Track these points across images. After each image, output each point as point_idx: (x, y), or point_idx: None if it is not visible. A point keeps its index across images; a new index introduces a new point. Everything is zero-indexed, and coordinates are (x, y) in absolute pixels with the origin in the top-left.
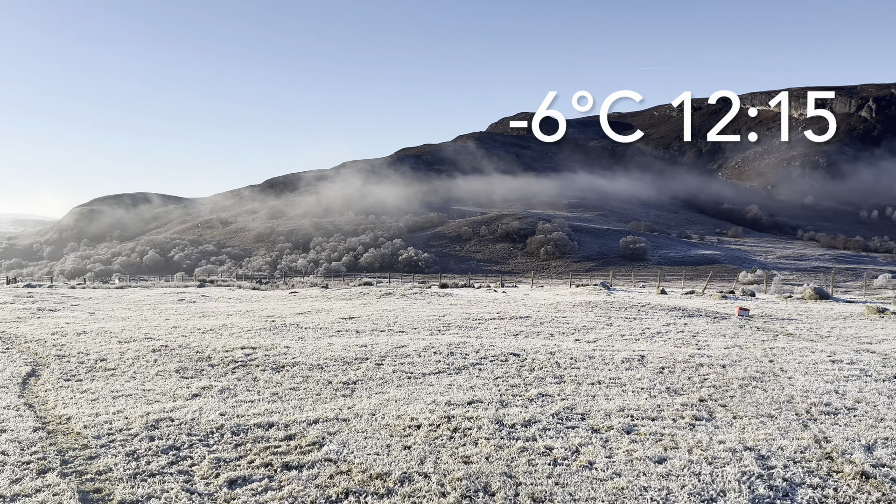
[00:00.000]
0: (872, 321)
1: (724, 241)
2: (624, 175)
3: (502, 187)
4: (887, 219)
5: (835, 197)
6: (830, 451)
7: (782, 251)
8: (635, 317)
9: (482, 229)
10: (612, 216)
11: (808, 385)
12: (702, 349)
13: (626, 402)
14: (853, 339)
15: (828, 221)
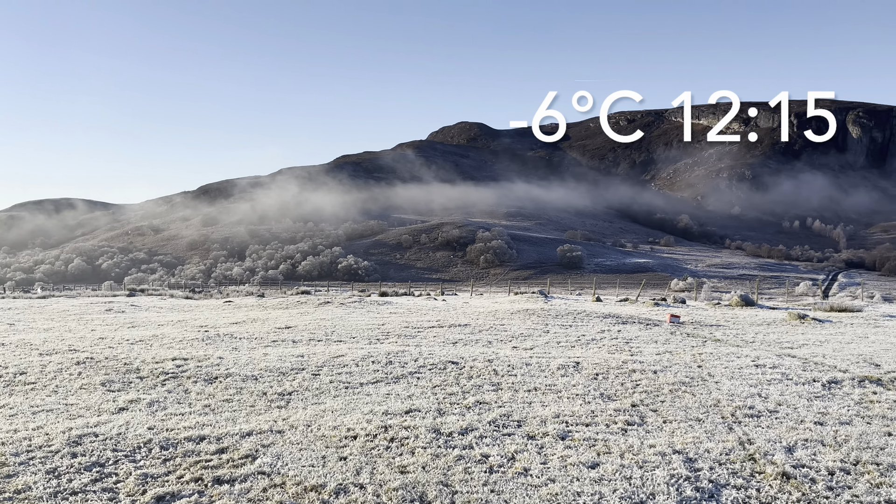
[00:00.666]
0: (794, 327)
1: (657, 250)
2: (560, 185)
3: (442, 196)
4: (808, 229)
5: (759, 208)
6: (753, 452)
7: (711, 259)
8: (571, 324)
9: (422, 237)
10: (549, 225)
11: (734, 389)
12: (635, 355)
13: (561, 408)
14: (776, 344)
15: (753, 231)
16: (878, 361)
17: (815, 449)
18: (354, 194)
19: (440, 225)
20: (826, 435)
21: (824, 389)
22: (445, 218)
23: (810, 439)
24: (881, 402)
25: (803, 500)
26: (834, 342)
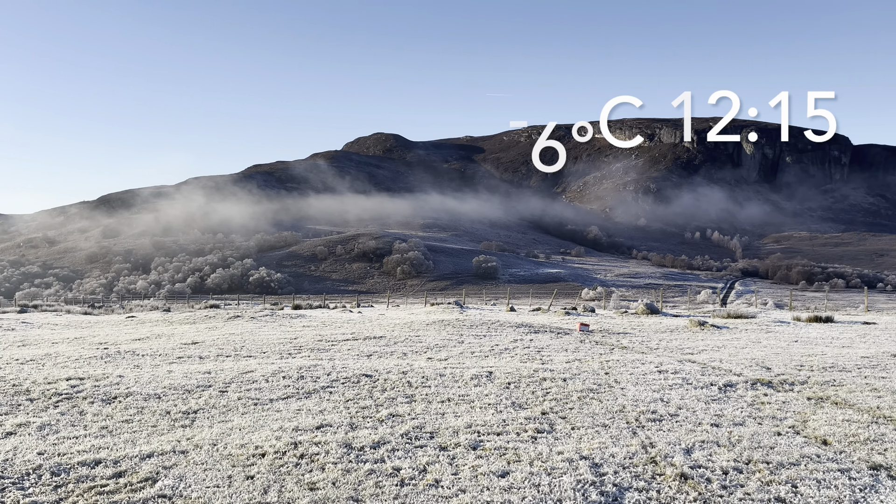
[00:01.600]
0: (694, 333)
1: (569, 260)
2: (475, 197)
3: (357, 207)
4: (708, 239)
5: (663, 219)
6: (655, 455)
7: (620, 269)
8: (485, 334)
9: (338, 249)
10: (465, 236)
11: (638, 394)
12: (546, 364)
13: (473, 418)
14: (678, 350)
15: (658, 242)
16: (769, 365)
17: (711, 450)
18: (265, 205)
19: (356, 236)
20: (721, 436)
21: (720, 393)
22: (361, 229)
23: (707, 441)
24: (771, 404)
25: (699, 499)
26: (730, 347)
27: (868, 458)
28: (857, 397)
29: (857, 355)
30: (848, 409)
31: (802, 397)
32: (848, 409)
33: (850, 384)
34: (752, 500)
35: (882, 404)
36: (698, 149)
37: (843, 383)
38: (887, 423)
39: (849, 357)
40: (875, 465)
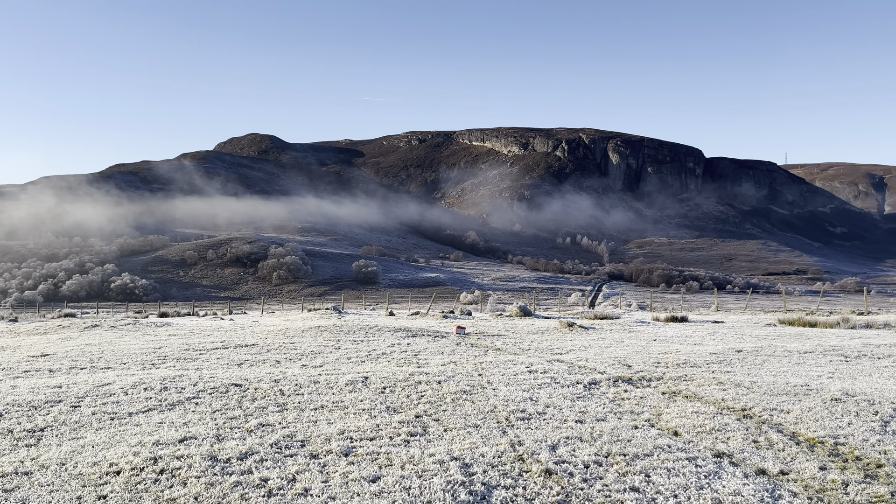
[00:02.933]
0: (564, 334)
1: (448, 265)
2: (354, 201)
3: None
4: (578, 244)
5: (537, 225)
6: (522, 453)
7: (496, 273)
8: (363, 339)
9: (209, 253)
10: (344, 240)
11: (509, 394)
12: (422, 367)
13: (347, 424)
14: (548, 350)
15: (532, 247)
16: (630, 363)
17: (574, 445)
18: (127, 207)
19: (229, 240)
20: (584, 432)
21: (585, 390)
22: (234, 233)
23: (571, 437)
24: (630, 399)
25: (562, 492)
26: (596, 347)
27: (713, 447)
28: (705, 391)
29: (706, 352)
30: (697, 402)
31: (658, 392)
32: (697, 402)
33: (700, 379)
34: (609, 490)
35: (726, 396)
36: (569, 158)
37: (693, 378)
38: (730, 413)
39: (699, 354)
40: (719, 452)
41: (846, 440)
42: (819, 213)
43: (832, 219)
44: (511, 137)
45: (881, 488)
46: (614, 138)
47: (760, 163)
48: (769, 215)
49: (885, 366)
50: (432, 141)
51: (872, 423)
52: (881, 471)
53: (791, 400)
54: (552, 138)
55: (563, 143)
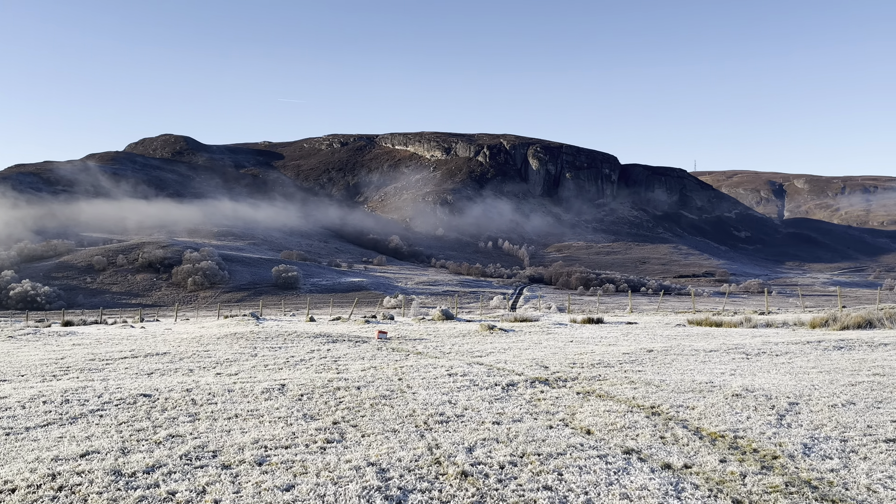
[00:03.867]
0: (484, 337)
1: (371, 269)
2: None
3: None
4: (499, 249)
5: (459, 229)
6: (439, 456)
7: (420, 277)
8: (281, 346)
9: (119, 258)
10: (263, 245)
11: (428, 398)
12: (341, 373)
13: (261, 433)
14: (468, 353)
15: (455, 251)
16: (547, 364)
17: (490, 447)
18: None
19: (140, 245)
20: (501, 433)
21: (503, 392)
22: (146, 237)
23: (488, 438)
24: (546, 400)
25: (477, 494)
26: (515, 349)
27: (623, 444)
28: (618, 390)
29: (619, 352)
30: (609, 401)
31: (573, 392)
32: (609, 401)
33: (613, 378)
34: (523, 490)
35: (637, 395)
36: (491, 163)
37: (606, 378)
38: (640, 411)
39: (613, 354)
40: (628, 449)
41: (745, 433)
42: (725, 218)
43: (737, 223)
44: (434, 142)
45: (776, 479)
46: (534, 144)
47: (672, 170)
48: (680, 220)
49: (782, 362)
50: (354, 144)
51: (769, 416)
52: (776, 462)
53: (696, 397)
54: (474, 144)
55: (484, 149)
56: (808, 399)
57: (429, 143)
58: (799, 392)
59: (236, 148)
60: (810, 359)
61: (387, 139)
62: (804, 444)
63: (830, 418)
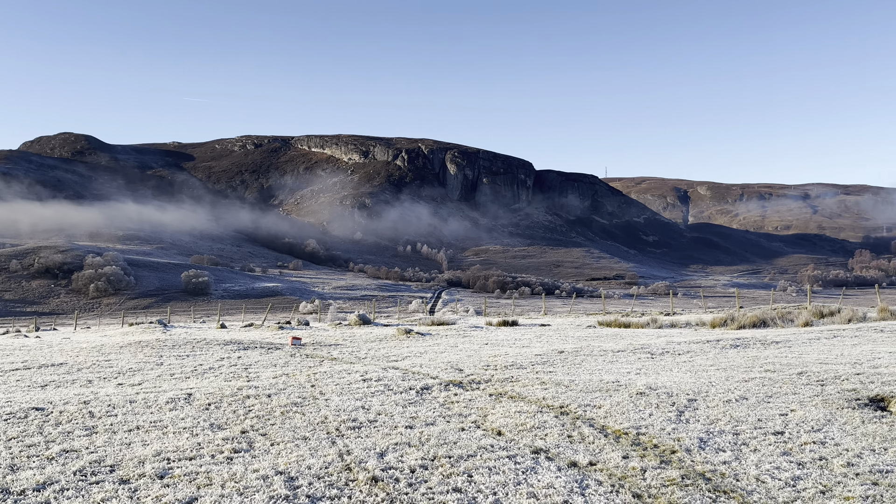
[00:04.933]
0: (401, 341)
1: (286, 274)
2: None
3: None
4: (418, 253)
5: (378, 233)
6: (350, 462)
7: (337, 282)
8: (189, 354)
9: (13, 264)
10: (172, 249)
11: (342, 404)
12: (252, 381)
13: (165, 445)
14: (384, 358)
15: (374, 255)
16: (462, 367)
17: (402, 451)
18: None
19: (37, 249)
20: (413, 437)
21: (417, 396)
22: (43, 241)
23: (400, 443)
24: (460, 402)
25: (387, 499)
26: (431, 353)
27: (532, 444)
28: (529, 391)
29: (532, 353)
30: (521, 402)
31: (486, 394)
32: (521, 402)
33: (525, 380)
34: (433, 493)
35: (547, 395)
36: (409, 167)
37: (519, 379)
38: (550, 411)
39: (526, 356)
40: (537, 449)
41: (647, 430)
42: (634, 223)
43: (645, 228)
44: (351, 145)
45: (673, 472)
46: (452, 149)
47: (584, 176)
48: (592, 225)
49: (684, 361)
50: (269, 146)
51: (670, 413)
52: (674, 456)
53: (603, 396)
54: (392, 147)
55: (403, 153)
56: (706, 395)
57: (346, 146)
58: (697, 389)
59: (143, 148)
60: (709, 357)
61: (303, 141)
62: (700, 438)
63: (725, 413)
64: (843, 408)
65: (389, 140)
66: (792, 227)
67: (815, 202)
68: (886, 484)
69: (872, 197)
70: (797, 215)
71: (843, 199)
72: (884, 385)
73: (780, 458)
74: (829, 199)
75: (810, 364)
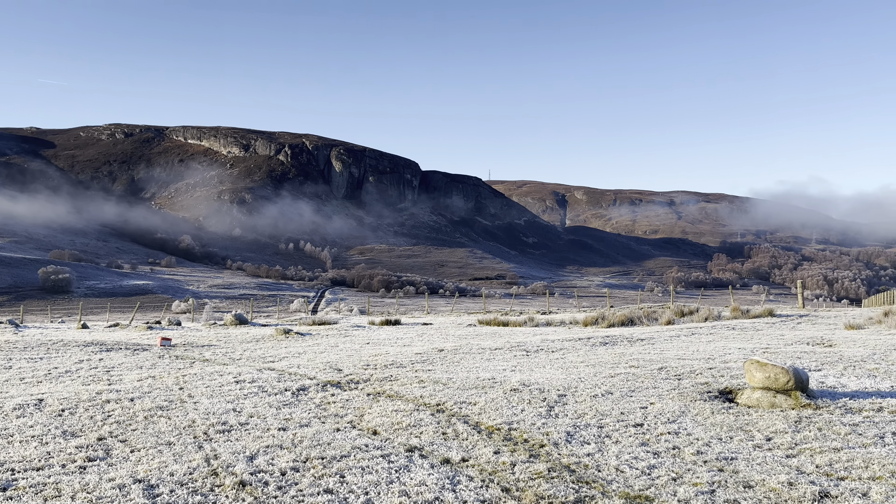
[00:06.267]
0: (279, 341)
1: (158, 271)
2: (35, 197)
3: None
4: (301, 251)
5: (258, 230)
6: (217, 467)
7: (214, 280)
8: (43, 356)
9: None
10: (28, 243)
11: (211, 407)
12: (113, 384)
13: (9, 454)
14: (260, 359)
15: (254, 252)
16: (341, 367)
17: (273, 454)
18: None
19: None
20: (286, 439)
21: (293, 397)
22: None
23: (272, 445)
24: (336, 403)
25: (255, 503)
26: (310, 353)
27: (407, 442)
28: (407, 389)
29: (412, 352)
30: (398, 401)
31: (364, 394)
32: (398, 401)
33: (404, 378)
34: (303, 495)
35: (424, 393)
36: (292, 163)
37: (398, 378)
38: (426, 409)
39: (406, 354)
40: (411, 447)
41: (518, 425)
42: (515, 225)
43: (526, 230)
44: (231, 138)
45: (541, 465)
46: (338, 146)
47: (468, 177)
48: (475, 226)
49: (557, 358)
50: (141, 136)
51: (541, 408)
52: (543, 450)
53: (479, 393)
54: (275, 142)
55: (286, 148)
56: (575, 391)
57: (226, 139)
58: (568, 385)
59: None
60: (580, 354)
61: (178, 132)
62: (567, 432)
63: (592, 407)
64: (696, 400)
65: (272, 134)
66: (659, 231)
67: (680, 209)
68: (731, 470)
69: (729, 205)
70: (664, 220)
71: (704, 206)
72: (732, 378)
73: (639, 449)
74: (691, 206)
75: (670, 360)
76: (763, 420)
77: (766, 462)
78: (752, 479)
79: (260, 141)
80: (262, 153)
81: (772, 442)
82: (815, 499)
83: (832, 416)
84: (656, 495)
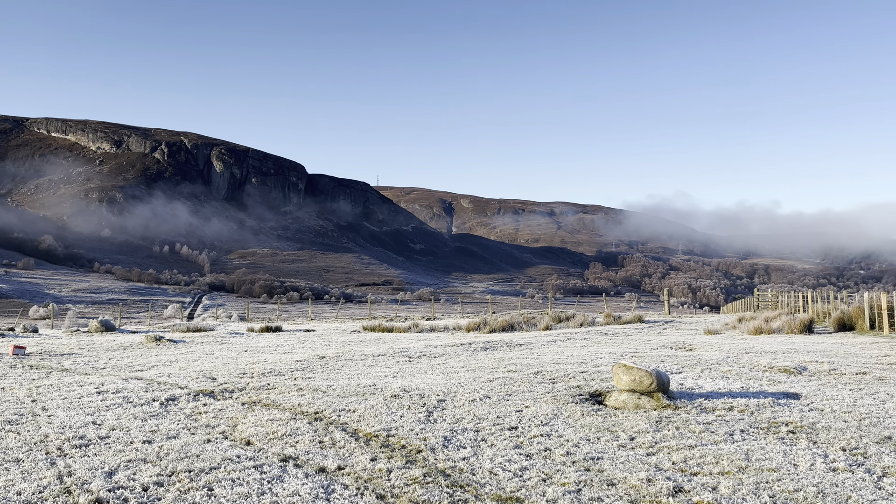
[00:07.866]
0: (150, 349)
1: (14, 274)
2: None
3: None
4: (177, 254)
5: (130, 231)
6: (70, 484)
7: (79, 284)
8: None
9: None
10: None
11: (68, 420)
12: None
13: None
14: (127, 368)
15: (124, 255)
16: (215, 376)
17: (136, 468)
18: None
19: None
20: (151, 452)
21: (161, 408)
22: None
23: (134, 459)
24: (209, 413)
25: None
26: (183, 361)
27: (281, 452)
28: (285, 398)
29: (293, 360)
30: (275, 410)
31: (238, 403)
32: (275, 410)
33: (282, 387)
34: None
35: (303, 402)
36: (169, 161)
37: (276, 386)
38: (304, 417)
39: (286, 362)
40: (286, 456)
41: (397, 431)
42: (403, 231)
43: (413, 236)
44: (101, 133)
45: (417, 471)
46: (219, 146)
47: (356, 182)
48: (362, 231)
49: (439, 363)
50: None
51: (420, 414)
52: (419, 455)
53: (359, 400)
54: (151, 139)
55: (162, 145)
56: (454, 396)
57: (95, 134)
58: (447, 390)
59: None
60: (461, 359)
61: (41, 124)
62: (445, 436)
63: (469, 412)
64: (569, 403)
65: (147, 130)
66: (540, 240)
67: (560, 219)
68: (596, 469)
69: (605, 216)
70: (545, 230)
71: (582, 217)
72: (602, 381)
73: (512, 452)
74: (570, 217)
75: (546, 364)
76: (628, 421)
77: (629, 460)
78: (615, 478)
79: (134, 137)
80: (137, 150)
81: (634, 441)
82: (670, 493)
83: (689, 416)
84: (526, 496)
